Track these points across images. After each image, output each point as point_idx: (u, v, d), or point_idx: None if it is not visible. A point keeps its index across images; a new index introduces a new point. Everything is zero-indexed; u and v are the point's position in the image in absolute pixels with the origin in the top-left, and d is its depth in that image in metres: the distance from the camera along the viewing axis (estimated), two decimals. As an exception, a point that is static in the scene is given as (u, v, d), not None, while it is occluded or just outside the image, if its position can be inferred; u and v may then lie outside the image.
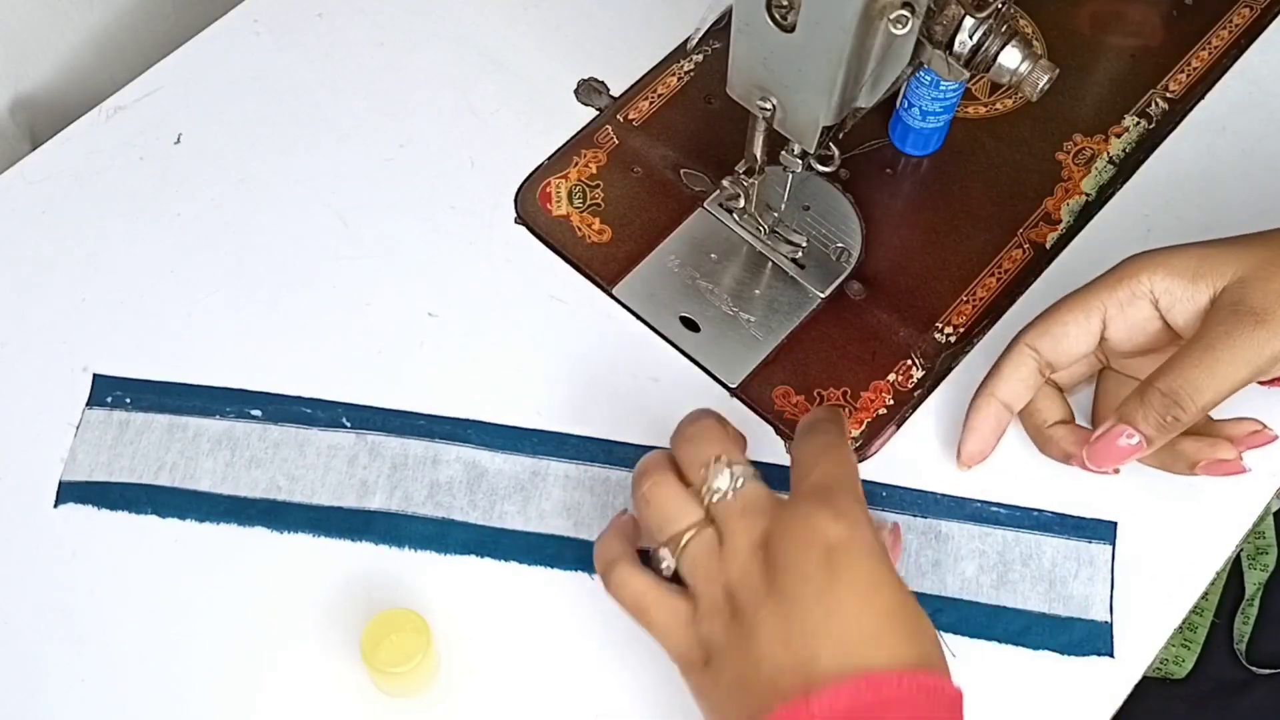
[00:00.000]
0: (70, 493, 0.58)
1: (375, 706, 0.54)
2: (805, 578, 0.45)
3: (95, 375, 0.60)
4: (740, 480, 0.49)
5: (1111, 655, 0.55)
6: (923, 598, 0.56)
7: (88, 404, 0.60)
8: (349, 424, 0.59)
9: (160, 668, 0.55)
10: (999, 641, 0.56)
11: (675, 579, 0.49)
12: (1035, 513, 0.58)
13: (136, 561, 0.57)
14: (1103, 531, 0.57)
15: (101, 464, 0.58)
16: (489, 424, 0.59)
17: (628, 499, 0.58)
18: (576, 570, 0.57)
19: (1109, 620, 0.56)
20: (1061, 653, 0.56)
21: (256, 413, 0.59)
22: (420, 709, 0.54)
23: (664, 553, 0.49)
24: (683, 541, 0.48)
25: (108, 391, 0.60)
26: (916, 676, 0.43)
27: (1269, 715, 0.72)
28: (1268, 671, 0.73)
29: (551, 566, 0.57)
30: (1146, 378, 0.53)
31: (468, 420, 0.59)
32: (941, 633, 0.56)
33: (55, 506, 0.58)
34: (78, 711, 0.54)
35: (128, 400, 0.60)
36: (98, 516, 0.57)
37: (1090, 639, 0.56)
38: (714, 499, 0.49)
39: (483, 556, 0.57)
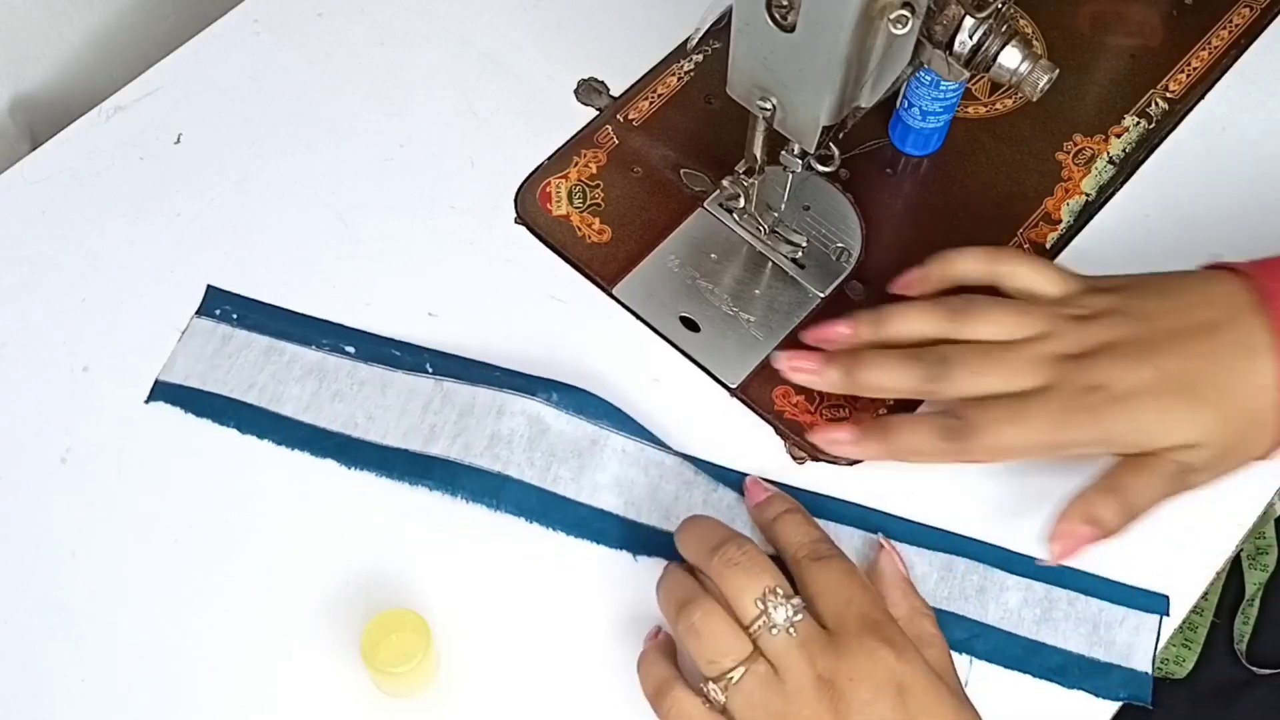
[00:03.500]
0: (164, 392, 0.60)
1: (375, 706, 0.54)
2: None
3: (208, 285, 0.62)
4: (798, 613, 0.49)
5: (1149, 704, 0.55)
6: (961, 621, 0.56)
7: (197, 313, 0.62)
8: (431, 370, 0.60)
9: (160, 668, 0.55)
10: (1033, 676, 0.55)
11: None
12: (1087, 576, 0.57)
13: (136, 561, 0.57)
14: (1155, 604, 0.56)
15: (197, 372, 0.60)
16: (561, 382, 0.59)
17: (680, 486, 0.58)
18: (621, 550, 0.57)
19: (1149, 672, 0.55)
20: (1096, 695, 0.55)
21: (350, 349, 0.61)
22: (420, 709, 0.54)
23: (712, 688, 0.49)
24: (735, 677, 0.48)
25: (218, 304, 0.62)
26: None
27: (1269, 715, 0.72)
28: (1268, 671, 0.72)
29: (597, 542, 0.57)
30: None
31: (541, 377, 0.59)
32: (975, 659, 0.55)
33: (147, 402, 0.60)
34: (78, 711, 0.54)
35: (234, 316, 0.61)
36: (95, 515, 0.57)
37: (1128, 687, 0.55)
38: (771, 632, 0.48)
39: (531, 521, 0.57)
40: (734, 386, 0.61)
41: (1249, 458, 0.54)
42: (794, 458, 0.59)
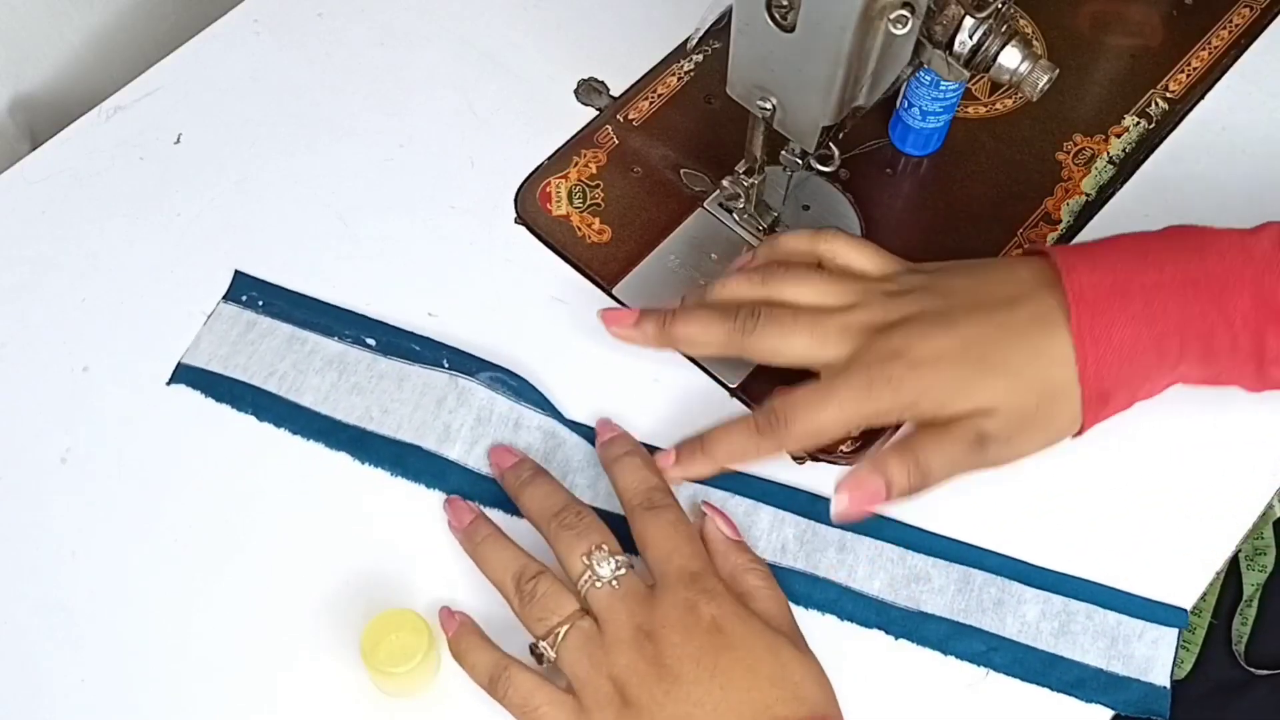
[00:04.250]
0: (186, 375, 0.60)
1: (375, 706, 0.54)
2: (695, 660, 0.49)
3: (236, 271, 0.62)
4: (621, 569, 0.52)
5: (1166, 718, 0.54)
6: (978, 634, 0.55)
7: (224, 298, 0.62)
8: (447, 365, 0.60)
9: (160, 668, 0.55)
10: (1050, 689, 0.55)
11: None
12: (1105, 589, 0.56)
13: (136, 561, 0.57)
14: (1173, 618, 0.56)
15: (220, 356, 0.60)
16: (572, 421, 0.60)
17: (695, 490, 0.58)
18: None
19: (1168, 686, 0.55)
20: (1113, 709, 0.55)
21: (371, 341, 0.61)
22: (420, 709, 0.54)
23: (543, 645, 0.52)
24: (561, 633, 0.51)
25: (245, 290, 0.62)
26: None
27: (1268, 716, 0.72)
28: (1266, 672, 0.72)
29: None
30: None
31: (550, 401, 0.60)
32: (992, 671, 0.55)
33: (168, 384, 0.60)
34: (78, 711, 0.54)
35: (261, 302, 0.62)
36: (95, 515, 0.57)
37: (1146, 701, 0.54)
38: (595, 586, 0.51)
39: None
40: (734, 386, 0.61)
41: (1057, 432, 0.55)
42: (794, 457, 0.59)
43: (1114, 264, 0.54)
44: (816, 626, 0.56)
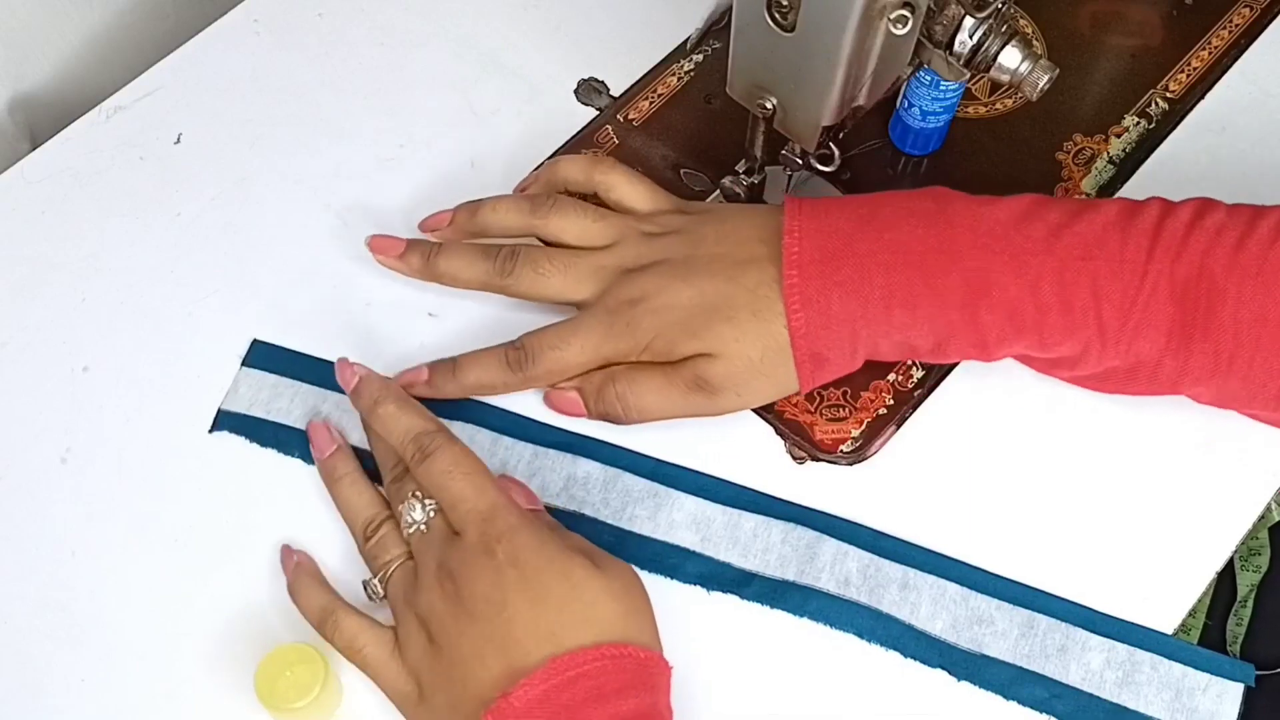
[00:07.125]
0: (227, 421, 0.60)
1: (369, 704, 0.54)
2: (486, 597, 0.50)
3: (254, 340, 0.61)
4: (433, 513, 0.53)
5: None
6: (1041, 681, 0.54)
7: (244, 364, 0.61)
8: (495, 425, 0.60)
9: (160, 669, 0.55)
10: None
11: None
12: (1171, 640, 0.55)
13: (136, 561, 0.57)
14: (1239, 672, 0.55)
15: (261, 400, 0.60)
16: (625, 449, 0.59)
17: (757, 523, 0.57)
18: (695, 585, 0.56)
19: None
20: None
21: None
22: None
23: (374, 583, 0.54)
24: (388, 571, 0.54)
25: (262, 360, 0.61)
26: (597, 649, 0.48)
27: (1266, 717, 0.72)
28: (1262, 673, 0.72)
29: (670, 577, 0.56)
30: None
31: (605, 442, 0.59)
32: (1054, 718, 0.54)
33: (210, 432, 0.59)
34: (78, 711, 0.54)
35: (282, 370, 0.61)
36: (95, 515, 0.58)
37: None
38: (409, 530, 0.53)
39: None
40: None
41: (782, 386, 0.57)
42: (794, 458, 0.59)
43: (838, 228, 0.55)
44: (881, 662, 0.55)
